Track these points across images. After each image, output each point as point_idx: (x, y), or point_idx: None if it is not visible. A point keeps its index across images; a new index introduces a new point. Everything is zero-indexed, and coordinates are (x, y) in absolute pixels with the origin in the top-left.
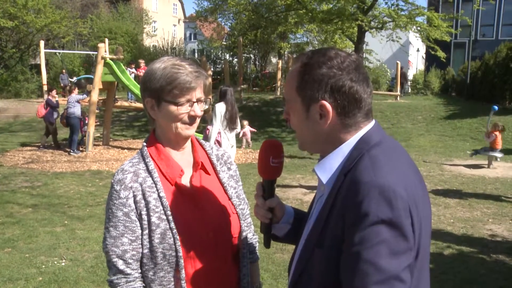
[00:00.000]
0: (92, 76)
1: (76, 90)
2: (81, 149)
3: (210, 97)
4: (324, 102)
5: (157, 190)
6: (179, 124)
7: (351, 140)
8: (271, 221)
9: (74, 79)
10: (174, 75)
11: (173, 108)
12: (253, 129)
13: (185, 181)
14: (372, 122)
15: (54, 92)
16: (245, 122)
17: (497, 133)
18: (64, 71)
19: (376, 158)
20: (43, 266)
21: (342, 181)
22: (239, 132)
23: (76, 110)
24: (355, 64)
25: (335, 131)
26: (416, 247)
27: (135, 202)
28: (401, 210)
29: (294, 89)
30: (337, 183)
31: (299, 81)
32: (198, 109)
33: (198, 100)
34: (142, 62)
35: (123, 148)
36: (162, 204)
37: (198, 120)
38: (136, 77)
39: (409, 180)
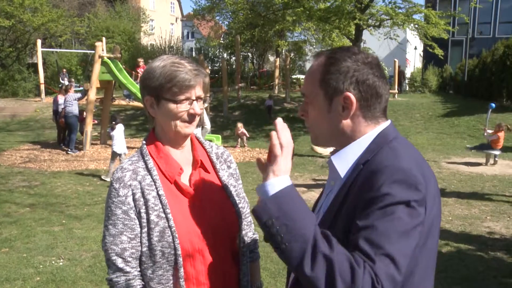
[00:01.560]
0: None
1: (73, 89)
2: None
3: (208, 95)
4: (349, 93)
5: (156, 188)
6: (178, 122)
7: (371, 134)
8: None
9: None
10: (173, 73)
11: (172, 106)
12: (246, 134)
13: (184, 179)
14: (389, 121)
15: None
16: (240, 125)
17: (500, 134)
18: (64, 70)
19: (396, 148)
20: (41, 266)
21: (359, 170)
22: (239, 134)
23: (74, 109)
24: (376, 61)
25: (355, 124)
26: (426, 235)
27: (134, 200)
28: (422, 195)
29: (316, 82)
30: (353, 173)
31: (323, 73)
32: (198, 107)
33: (198, 98)
34: (141, 61)
35: None
36: (161, 202)
37: (197, 118)
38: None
39: (426, 175)
